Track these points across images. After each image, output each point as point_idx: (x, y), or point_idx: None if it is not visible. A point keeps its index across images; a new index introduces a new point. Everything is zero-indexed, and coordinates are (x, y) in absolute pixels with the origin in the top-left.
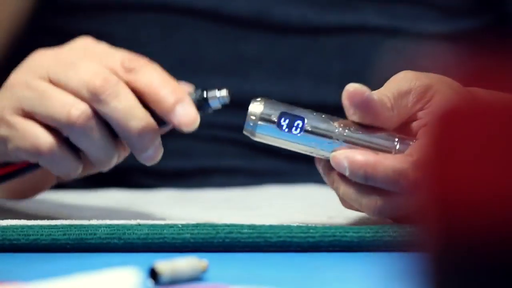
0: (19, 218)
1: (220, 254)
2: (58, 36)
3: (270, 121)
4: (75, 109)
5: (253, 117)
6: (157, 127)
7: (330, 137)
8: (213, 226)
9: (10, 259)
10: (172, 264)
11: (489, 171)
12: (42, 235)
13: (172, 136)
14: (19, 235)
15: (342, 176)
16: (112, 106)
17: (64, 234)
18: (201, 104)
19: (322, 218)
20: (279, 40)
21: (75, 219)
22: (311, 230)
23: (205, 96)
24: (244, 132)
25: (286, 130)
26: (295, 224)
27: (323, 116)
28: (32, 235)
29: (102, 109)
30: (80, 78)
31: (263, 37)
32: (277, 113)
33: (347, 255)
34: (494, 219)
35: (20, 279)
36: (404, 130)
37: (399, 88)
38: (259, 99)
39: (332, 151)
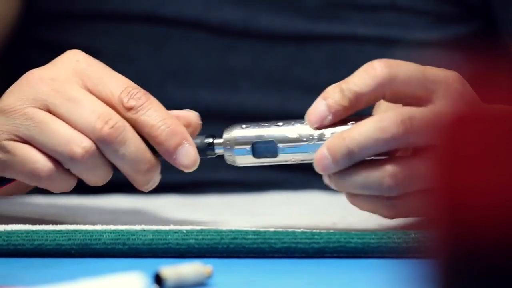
0: (24, 223)
1: (224, 260)
2: (45, 48)
3: (245, 148)
4: (79, 147)
5: (229, 143)
6: (159, 164)
7: (306, 141)
8: (218, 231)
9: (14, 264)
10: (177, 270)
11: (499, 176)
12: (46, 240)
13: None
14: (24, 240)
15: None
16: (120, 153)
17: (69, 239)
18: (204, 148)
19: (327, 224)
20: (267, 50)
21: (79, 224)
22: (316, 236)
23: (211, 141)
24: (227, 162)
25: (262, 156)
26: (299, 230)
27: (294, 123)
28: (37, 240)
29: (110, 153)
30: (85, 120)
31: (250, 47)
32: (250, 142)
33: (352, 261)
34: (504, 225)
35: (24, 284)
36: None
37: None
38: (229, 126)
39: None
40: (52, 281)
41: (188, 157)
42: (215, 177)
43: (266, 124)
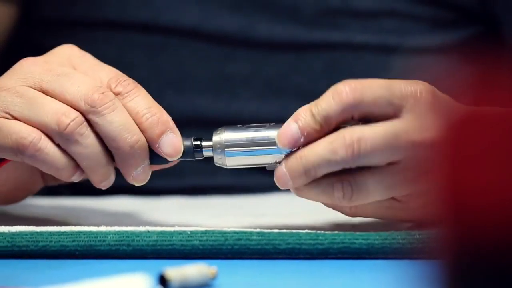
0: (28, 224)
1: (229, 261)
2: (43, 54)
3: (235, 141)
4: (66, 117)
5: (219, 146)
6: (147, 146)
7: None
8: (222, 233)
9: (19, 265)
10: (182, 271)
11: (503, 177)
12: (51, 241)
13: None
14: (28, 241)
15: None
16: (108, 119)
17: (73, 241)
18: (192, 150)
19: (331, 225)
20: (265, 58)
21: (84, 226)
22: (320, 237)
23: (199, 143)
24: (216, 164)
25: (253, 143)
26: (304, 231)
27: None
28: (41, 241)
29: (99, 120)
30: (77, 89)
31: (249, 55)
32: (240, 132)
33: (356, 262)
34: (507, 226)
35: (29, 285)
36: None
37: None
38: (218, 129)
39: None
40: (56, 283)
41: (171, 145)
42: (215, 182)
43: (256, 126)
